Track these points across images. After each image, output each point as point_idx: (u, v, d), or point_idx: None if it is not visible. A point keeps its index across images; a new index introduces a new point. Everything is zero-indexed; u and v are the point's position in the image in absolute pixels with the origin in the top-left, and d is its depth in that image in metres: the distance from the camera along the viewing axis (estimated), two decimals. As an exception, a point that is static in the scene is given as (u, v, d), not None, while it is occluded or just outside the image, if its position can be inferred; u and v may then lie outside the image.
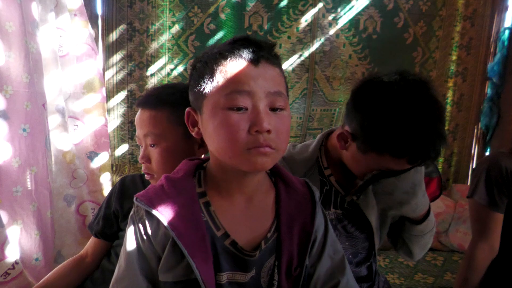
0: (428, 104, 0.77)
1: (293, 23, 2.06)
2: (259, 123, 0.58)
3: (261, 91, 0.59)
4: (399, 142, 0.76)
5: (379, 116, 0.78)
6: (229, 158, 0.61)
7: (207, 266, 0.61)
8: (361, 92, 0.84)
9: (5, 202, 1.04)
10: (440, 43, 2.22)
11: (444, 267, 1.72)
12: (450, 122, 2.35)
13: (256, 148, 0.59)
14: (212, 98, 0.61)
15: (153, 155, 0.86)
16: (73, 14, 1.58)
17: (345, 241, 0.95)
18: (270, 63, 0.61)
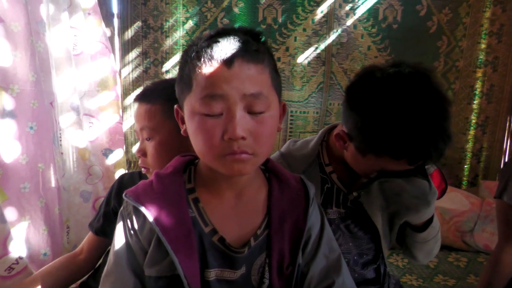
0: (426, 99, 0.70)
1: (309, 15, 2.00)
2: (231, 130, 0.55)
3: (235, 94, 0.56)
4: (397, 142, 0.70)
5: (373, 115, 0.72)
6: (208, 161, 0.60)
7: (191, 262, 0.60)
8: (354, 90, 0.79)
9: (13, 198, 1.08)
10: (468, 30, 2.09)
11: (467, 268, 1.62)
12: (479, 114, 2.21)
13: (230, 155, 0.56)
14: (189, 101, 0.60)
15: (148, 149, 0.87)
16: (87, 13, 1.61)
17: (349, 241, 0.91)
18: (247, 60, 0.57)
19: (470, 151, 2.26)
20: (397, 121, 0.70)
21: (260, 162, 0.62)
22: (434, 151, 0.71)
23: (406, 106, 0.70)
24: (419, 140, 0.70)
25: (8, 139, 1.10)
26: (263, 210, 0.67)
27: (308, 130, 2.12)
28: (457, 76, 2.15)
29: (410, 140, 0.70)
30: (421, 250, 0.90)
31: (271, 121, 0.60)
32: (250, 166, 0.59)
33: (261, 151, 0.59)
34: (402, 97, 0.70)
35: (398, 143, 0.70)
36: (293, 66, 2.04)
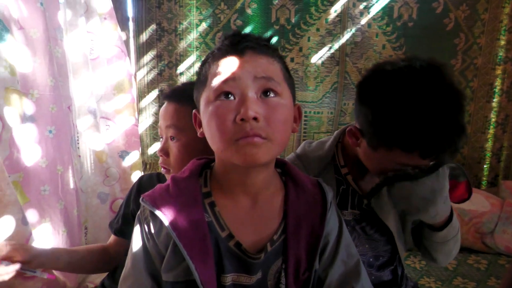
0: (438, 90, 0.68)
1: (322, 15, 1.98)
2: (244, 110, 0.55)
3: (247, 76, 0.58)
4: (408, 134, 0.69)
5: (384, 107, 0.72)
6: (221, 151, 0.60)
7: (206, 267, 0.60)
8: (365, 85, 0.78)
9: (33, 201, 1.10)
10: (486, 27, 2.03)
11: (488, 271, 1.58)
12: (499, 113, 2.15)
13: (243, 138, 0.56)
14: (204, 94, 0.61)
15: (172, 149, 0.87)
16: (103, 18, 1.64)
17: (365, 243, 0.90)
18: (258, 52, 0.60)
19: (489, 150, 2.20)
20: (408, 112, 0.69)
21: (275, 150, 0.60)
22: (446, 142, 0.69)
23: (417, 97, 0.68)
24: (430, 131, 0.68)
25: (28, 143, 1.13)
26: (279, 215, 0.66)
27: (322, 131, 2.10)
28: (475, 74, 2.10)
29: (422, 131, 0.68)
30: (440, 251, 0.88)
31: (284, 109, 0.60)
32: (263, 151, 0.57)
33: (274, 137, 0.58)
34: (413, 88, 0.69)
35: (409, 134, 0.69)
36: (307, 67, 2.03)
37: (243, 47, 0.59)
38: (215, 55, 0.61)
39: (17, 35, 1.05)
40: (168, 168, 0.88)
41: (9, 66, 1.02)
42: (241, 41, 0.60)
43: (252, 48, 0.59)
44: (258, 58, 0.59)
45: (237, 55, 0.59)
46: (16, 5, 1.06)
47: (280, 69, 0.62)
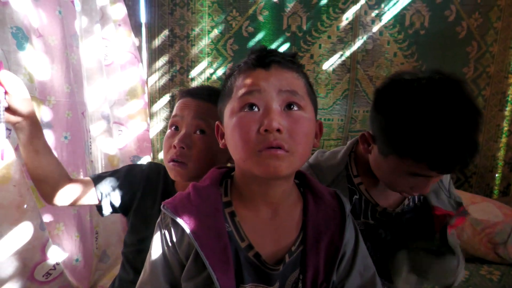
0: (455, 105, 0.68)
1: (334, 22, 1.99)
2: (268, 121, 0.56)
3: (272, 89, 0.59)
4: (419, 143, 0.69)
5: (398, 115, 0.72)
6: (243, 161, 0.60)
7: (227, 277, 0.61)
8: (382, 92, 0.79)
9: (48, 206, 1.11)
10: (499, 35, 2.02)
11: (501, 282, 1.56)
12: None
13: (267, 149, 0.56)
14: (229, 106, 0.62)
15: (197, 142, 0.82)
16: (118, 24, 1.67)
17: (377, 253, 0.90)
18: (283, 66, 0.61)
19: (502, 159, 2.18)
20: (421, 122, 0.69)
21: (296, 163, 0.60)
22: (457, 158, 0.69)
23: (432, 108, 0.69)
24: (442, 143, 0.68)
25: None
26: (297, 226, 0.67)
27: (332, 138, 2.10)
28: (488, 82, 2.08)
29: (433, 142, 0.68)
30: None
31: (306, 122, 0.61)
32: (286, 165, 0.57)
33: (296, 150, 0.58)
34: (430, 99, 0.69)
35: (421, 144, 0.69)
36: (318, 74, 2.03)
37: (269, 61, 0.60)
38: (241, 69, 0.62)
39: (36, 42, 1.07)
40: (185, 162, 0.82)
41: (28, 74, 1.04)
42: (267, 56, 0.61)
43: (277, 62, 0.61)
44: (283, 72, 0.61)
45: (263, 68, 0.60)
46: (36, 13, 1.08)
47: (304, 84, 0.63)
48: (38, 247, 0.94)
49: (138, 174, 0.93)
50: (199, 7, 2.00)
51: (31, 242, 0.91)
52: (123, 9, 1.66)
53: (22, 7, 1.01)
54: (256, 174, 0.58)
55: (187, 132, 0.83)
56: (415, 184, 0.77)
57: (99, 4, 1.54)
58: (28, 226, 0.91)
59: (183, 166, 0.82)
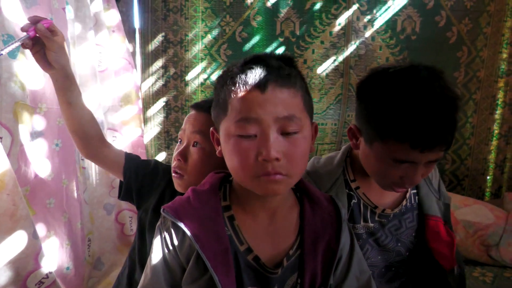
0: (433, 86, 0.72)
1: (326, 28, 2.01)
2: (266, 152, 0.57)
3: (269, 117, 0.58)
4: (398, 123, 0.71)
5: (379, 100, 0.75)
6: (242, 182, 0.62)
7: (228, 280, 0.61)
8: (363, 83, 0.82)
9: (39, 213, 1.11)
10: (489, 40, 2.06)
11: (494, 284, 1.58)
12: (502, 125, 2.17)
13: (265, 175, 0.58)
14: (225, 123, 0.62)
15: (192, 154, 0.86)
16: (111, 31, 1.67)
17: (378, 254, 0.91)
18: (280, 85, 0.59)
19: (493, 162, 2.21)
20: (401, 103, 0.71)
21: (294, 182, 0.63)
22: (435, 134, 0.71)
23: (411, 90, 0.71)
24: (422, 121, 0.70)
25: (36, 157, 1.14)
26: (295, 230, 0.68)
27: (326, 142, 2.12)
28: (478, 87, 2.11)
29: (413, 120, 0.70)
30: None
31: (304, 143, 0.61)
32: (284, 186, 0.60)
33: (294, 172, 0.60)
34: (408, 82, 0.72)
35: (402, 124, 0.71)
36: (311, 79, 2.05)
37: (264, 81, 0.58)
38: (236, 84, 0.60)
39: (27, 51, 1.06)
40: (182, 174, 0.87)
41: (19, 82, 1.04)
42: (262, 73, 0.59)
43: (274, 81, 0.59)
44: (279, 93, 0.59)
45: (259, 89, 0.58)
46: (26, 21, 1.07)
47: (301, 98, 0.62)
48: (31, 255, 0.93)
49: (161, 171, 0.97)
50: (192, 12, 2.01)
51: (24, 251, 0.90)
52: (116, 15, 1.66)
53: (13, 14, 1.01)
54: (256, 192, 0.61)
55: (186, 145, 0.87)
56: (404, 174, 0.77)
57: (93, 11, 1.54)
58: (22, 235, 0.91)
59: (181, 178, 0.87)
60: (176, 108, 2.09)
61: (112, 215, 1.67)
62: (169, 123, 2.09)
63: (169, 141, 2.10)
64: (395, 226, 0.90)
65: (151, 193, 0.96)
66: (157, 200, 0.95)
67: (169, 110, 2.08)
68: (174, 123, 2.08)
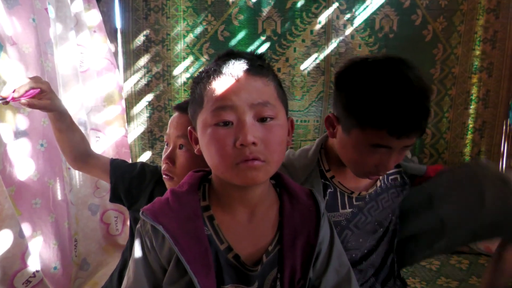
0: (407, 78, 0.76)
1: (307, 26, 2.05)
2: (243, 136, 0.58)
3: (244, 104, 0.59)
4: (377, 111, 0.75)
5: (357, 89, 0.78)
6: (221, 173, 0.62)
7: (208, 280, 0.63)
8: (341, 73, 0.85)
9: (25, 214, 1.11)
10: (462, 38, 2.14)
11: (469, 271, 1.66)
12: (476, 119, 2.25)
13: (243, 162, 0.59)
14: (201, 116, 0.63)
15: (180, 157, 0.89)
16: (93, 31, 1.66)
17: (359, 238, 0.94)
18: (253, 74, 0.61)
19: (468, 155, 2.30)
20: (378, 92, 0.75)
21: (272, 170, 0.63)
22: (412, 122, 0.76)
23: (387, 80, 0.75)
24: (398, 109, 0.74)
25: (21, 157, 1.14)
26: (274, 227, 0.69)
27: (309, 138, 2.16)
28: (453, 83, 2.19)
29: (390, 108, 0.74)
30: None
31: (280, 130, 0.63)
32: (263, 173, 0.60)
33: (272, 159, 0.61)
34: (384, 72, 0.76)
35: (379, 111, 0.75)
36: (294, 77, 2.08)
37: (238, 70, 0.61)
38: (210, 76, 0.62)
39: (10, 51, 1.06)
40: (172, 176, 0.90)
41: (2, 82, 1.03)
42: (235, 64, 0.61)
43: (247, 70, 0.61)
44: (253, 81, 0.61)
45: (233, 78, 0.60)
46: (9, 22, 1.07)
47: (274, 88, 0.64)
48: (18, 255, 0.93)
49: (149, 173, 1.00)
50: (174, 11, 2.01)
51: (10, 250, 0.90)
52: (97, 15, 1.65)
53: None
54: (235, 183, 0.61)
55: (173, 149, 0.90)
56: (379, 161, 0.81)
57: (74, 11, 1.53)
58: (8, 234, 0.91)
59: (171, 180, 0.90)
60: (159, 107, 2.09)
61: (97, 216, 1.66)
62: (152, 123, 2.08)
63: (153, 141, 2.10)
64: (373, 207, 0.93)
65: (141, 194, 0.99)
66: (147, 200, 0.98)
67: (152, 110, 2.08)
68: (157, 123, 2.08)
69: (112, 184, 0.99)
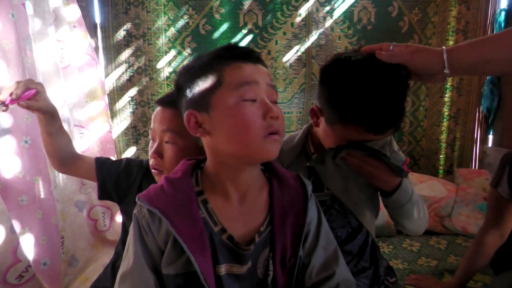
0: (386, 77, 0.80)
1: (288, 19, 2.08)
2: (271, 110, 0.65)
3: (263, 82, 0.67)
4: (357, 109, 0.80)
5: (341, 87, 0.83)
6: (245, 147, 0.65)
7: (205, 259, 0.66)
8: (326, 68, 0.89)
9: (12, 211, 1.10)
10: (437, 29, 2.22)
11: (447, 250, 1.75)
12: (451, 107, 2.35)
13: (270, 135, 0.65)
14: (220, 94, 0.66)
15: (167, 151, 0.90)
16: (73, 26, 1.64)
17: (343, 217, 0.99)
18: (262, 63, 0.70)
19: (444, 141, 2.40)
20: (360, 92, 0.80)
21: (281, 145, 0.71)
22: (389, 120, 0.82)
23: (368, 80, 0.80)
24: (377, 108, 0.79)
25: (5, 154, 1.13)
26: (265, 208, 0.73)
27: (292, 129, 2.20)
28: (429, 72, 2.27)
29: (370, 108, 0.79)
30: (401, 216, 0.97)
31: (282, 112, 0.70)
32: (278, 148, 0.67)
33: (283, 134, 0.69)
34: (366, 72, 0.81)
35: (360, 110, 0.80)
36: (276, 69, 2.12)
37: (254, 57, 0.68)
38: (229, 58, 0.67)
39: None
40: (161, 169, 0.91)
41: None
42: (248, 51, 0.69)
43: (258, 59, 0.69)
44: (264, 68, 0.69)
45: (252, 62, 0.68)
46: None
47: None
48: (10, 250, 0.93)
49: (136, 167, 1.01)
50: (154, 5, 2.00)
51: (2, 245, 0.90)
52: (77, 10, 1.63)
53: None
54: (255, 157, 0.67)
55: (159, 143, 0.91)
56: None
57: (52, 6, 1.50)
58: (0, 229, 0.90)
59: (161, 173, 0.91)
60: (142, 102, 2.08)
61: (83, 212, 1.66)
62: (136, 118, 2.08)
63: (137, 136, 2.10)
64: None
65: (129, 189, 1.00)
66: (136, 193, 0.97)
67: (135, 105, 2.07)
68: (141, 118, 2.08)
69: (100, 182, 0.99)
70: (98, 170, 0.99)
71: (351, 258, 1.00)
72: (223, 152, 0.68)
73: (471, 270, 1.26)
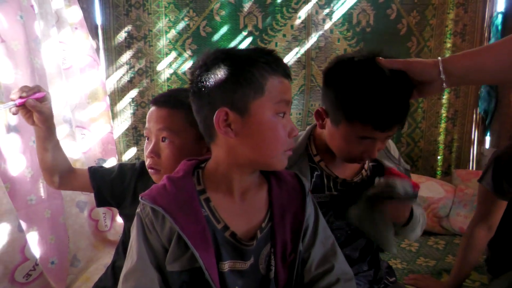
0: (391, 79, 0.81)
1: (288, 21, 2.10)
2: (295, 130, 0.71)
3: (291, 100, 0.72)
4: (363, 107, 0.82)
5: (346, 86, 0.85)
6: (268, 157, 0.70)
7: (208, 255, 0.68)
8: (330, 70, 0.91)
9: (21, 210, 1.11)
10: (435, 31, 2.24)
11: (445, 250, 1.77)
12: (449, 109, 2.37)
13: (288, 151, 0.71)
14: (260, 102, 0.67)
15: (164, 150, 0.90)
16: (74, 28, 1.65)
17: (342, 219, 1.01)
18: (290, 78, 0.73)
19: (442, 143, 2.42)
20: (366, 90, 0.82)
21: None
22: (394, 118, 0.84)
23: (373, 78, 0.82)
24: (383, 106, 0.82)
25: (14, 153, 1.14)
26: (265, 206, 0.75)
27: (292, 131, 2.21)
28: (427, 74, 2.29)
29: (376, 105, 0.81)
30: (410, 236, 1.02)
31: None
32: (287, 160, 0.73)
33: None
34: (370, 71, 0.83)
35: (366, 107, 0.82)
36: (275, 71, 2.13)
37: (288, 73, 0.72)
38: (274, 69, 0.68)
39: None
40: (158, 168, 0.91)
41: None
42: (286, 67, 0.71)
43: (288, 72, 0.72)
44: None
45: (288, 79, 0.71)
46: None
47: None
48: (17, 249, 0.94)
49: (129, 171, 1.01)
50: (155, 7, 2.02)
51: (10, 244, 0.91)
52: (78, 12, 1.65)
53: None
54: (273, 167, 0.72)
55: (155, 142, 0.91)
56: (365, 149, 0.89)
57: (54, 7, 1.52)
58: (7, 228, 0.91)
59: (158, 173, 0.91)
60: (143, 104, 2.10)
61: (85, 213, 1.66)
62: (136, 119, 2.09)
63: (137, 137, 2.11)
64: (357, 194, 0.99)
65: (125, 192, 1.01)
66: (132, 196, 1.00)
67: (136, 106, 2.08)
68: (141, 119, 2.09)
69: (95, 189, 1.00)
70: (92, 179, 1.00)
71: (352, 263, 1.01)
72: (242, 155, 0.69)
73: (465, 265, 1.29)
